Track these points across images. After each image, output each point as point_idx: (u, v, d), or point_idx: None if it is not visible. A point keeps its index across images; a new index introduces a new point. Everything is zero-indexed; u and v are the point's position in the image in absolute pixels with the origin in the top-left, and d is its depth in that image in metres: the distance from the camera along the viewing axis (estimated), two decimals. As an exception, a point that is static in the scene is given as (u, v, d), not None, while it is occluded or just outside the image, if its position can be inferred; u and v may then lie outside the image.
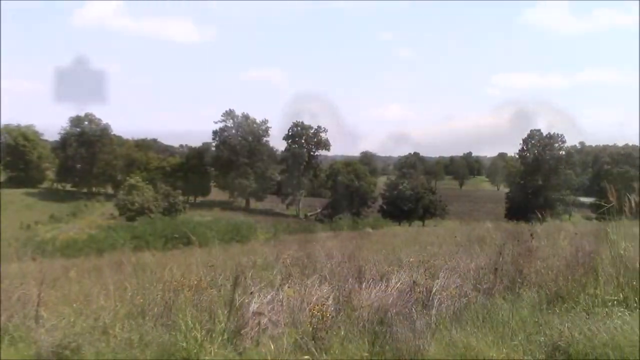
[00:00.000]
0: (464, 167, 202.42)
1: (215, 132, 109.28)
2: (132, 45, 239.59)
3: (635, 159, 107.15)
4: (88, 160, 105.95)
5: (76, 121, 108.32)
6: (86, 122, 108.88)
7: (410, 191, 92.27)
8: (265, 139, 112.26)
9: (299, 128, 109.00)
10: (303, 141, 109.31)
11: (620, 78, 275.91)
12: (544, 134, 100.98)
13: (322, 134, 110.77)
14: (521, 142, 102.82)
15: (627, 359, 4.65)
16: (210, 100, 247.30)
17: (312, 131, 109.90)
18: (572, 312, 5.89)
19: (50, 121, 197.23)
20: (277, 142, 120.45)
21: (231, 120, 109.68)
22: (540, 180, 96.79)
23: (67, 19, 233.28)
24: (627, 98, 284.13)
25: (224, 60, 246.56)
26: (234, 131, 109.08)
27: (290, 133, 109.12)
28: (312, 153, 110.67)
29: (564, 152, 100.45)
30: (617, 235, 7.19)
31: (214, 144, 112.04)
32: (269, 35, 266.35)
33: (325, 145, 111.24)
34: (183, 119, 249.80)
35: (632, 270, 6.71)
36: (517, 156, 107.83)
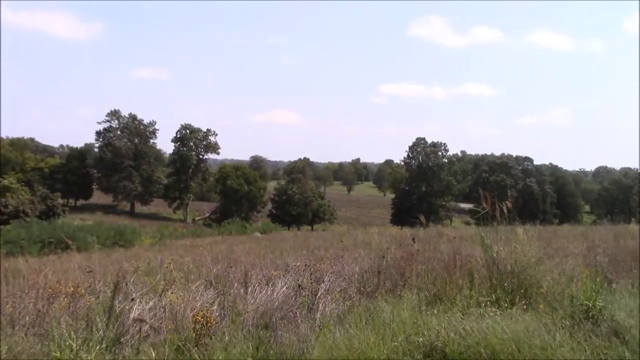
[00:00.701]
0: (352, 173, 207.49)
1: (98, 133, 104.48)
2: (9, 39, 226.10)
3: (510, 168, 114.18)
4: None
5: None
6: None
7: (299, 196, 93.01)
8: (152, 140, 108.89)
9: (187, 131, 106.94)
10: (192, 144, 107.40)
11: (494, 92, 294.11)
12: (429, 142, 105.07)
13: (212, 137, 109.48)
14: (407, 149, 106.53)
15: (498, 356, 4.92)
16: (94, 99, 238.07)
17: (201, 134, 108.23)
18: (449, 313, 6.12)
19: None
20: (164, 144, 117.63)
21: (116, 121, 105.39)
22: (424, 186, 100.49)
23: None
24: (500, 110, 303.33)
25: (109, 58, 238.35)
26: (119, 132, 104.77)
27: (178, 135, 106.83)
28: (201, 156, 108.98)
29: (446, 160, 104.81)
30: (490, 240, 7.58)
31: (97, 145, 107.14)
32: (157, 34, 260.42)
33: (215, 148, 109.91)
34: (64, 119, 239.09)
35: (504, 273, 7.12)
36: (402, 163, 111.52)
